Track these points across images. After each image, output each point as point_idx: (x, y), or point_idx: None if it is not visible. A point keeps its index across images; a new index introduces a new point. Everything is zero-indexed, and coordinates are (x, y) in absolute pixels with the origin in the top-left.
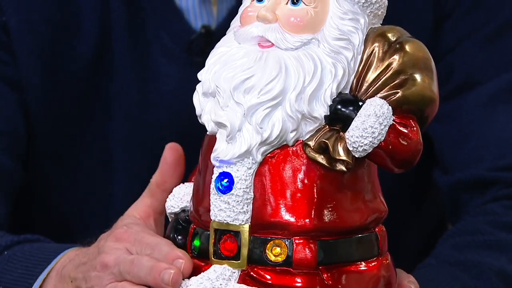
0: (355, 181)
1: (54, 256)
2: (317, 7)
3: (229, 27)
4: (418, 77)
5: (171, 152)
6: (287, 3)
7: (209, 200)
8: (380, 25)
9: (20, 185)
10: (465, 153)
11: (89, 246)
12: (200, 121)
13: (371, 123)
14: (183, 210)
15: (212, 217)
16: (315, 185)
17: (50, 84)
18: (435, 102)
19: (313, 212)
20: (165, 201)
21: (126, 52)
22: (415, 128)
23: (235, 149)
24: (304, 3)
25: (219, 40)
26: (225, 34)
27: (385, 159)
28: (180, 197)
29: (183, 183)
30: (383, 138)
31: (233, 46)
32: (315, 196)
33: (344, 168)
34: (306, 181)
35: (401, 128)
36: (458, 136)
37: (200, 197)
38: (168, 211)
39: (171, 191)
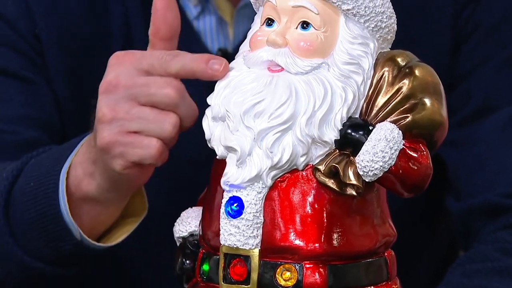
0: (364, 205)
1: (76, 144)
2: (327, 31)
3: None
4: (427, 101)
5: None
6: (296, 28)
7: (219, 224)
8: (390, 50)
9: None
10: (480, 179)
11: None
12: (209, 146)
13: (381, 147)
14: (191, 234)
15: (222, 242)
16: (324, 209)
17: (76, 100)
18: (445, 126)
19: (323, 236)
20: (166, 49)
21: None
22: (424, 152)
23: (245, 173)
24: (314, 28)
25: None
26: None
27: (395, 184)
28: (188, 221)
29: (191, 207)
30: (393, 162)
31: (243, 70)
32: (325, 220)
33: (354, 193)
34: (316, 205)
35: (411, 153)
36: (473, 162)
37: (210, 221)
38: (176, 235)
39: (169, 38)
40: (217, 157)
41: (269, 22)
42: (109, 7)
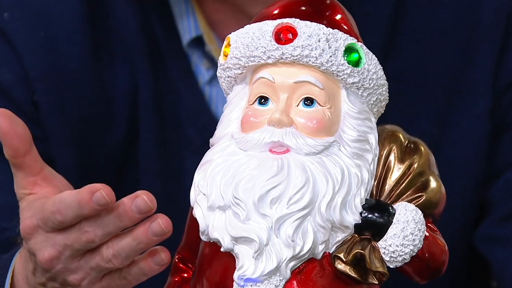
0: None
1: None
2: (332, 107)
3: None
4: (435, 178)
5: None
6: (298, 105)
7: None
8: (382, 125)
9: None
10: None
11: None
12: (202, 238)
13: (411, 230)
14: None
15: None
16: None
17: (82, 167)
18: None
19: None
20: (32, 162)
21: (152, 143)
22: (437, 232)
23: (264, 265)
24: (319, 104)
25: None
26: None
27: (419, 269)
28: None
29: None
30: (421, 245)
31: (239, 154)
32: None
33: (375, 281)
34: None
35: (432, 233)
36: None
37: None
38: None
39: (28, 151)
40: (222, 249)
41: (262, 100)
42: (115, 69)
